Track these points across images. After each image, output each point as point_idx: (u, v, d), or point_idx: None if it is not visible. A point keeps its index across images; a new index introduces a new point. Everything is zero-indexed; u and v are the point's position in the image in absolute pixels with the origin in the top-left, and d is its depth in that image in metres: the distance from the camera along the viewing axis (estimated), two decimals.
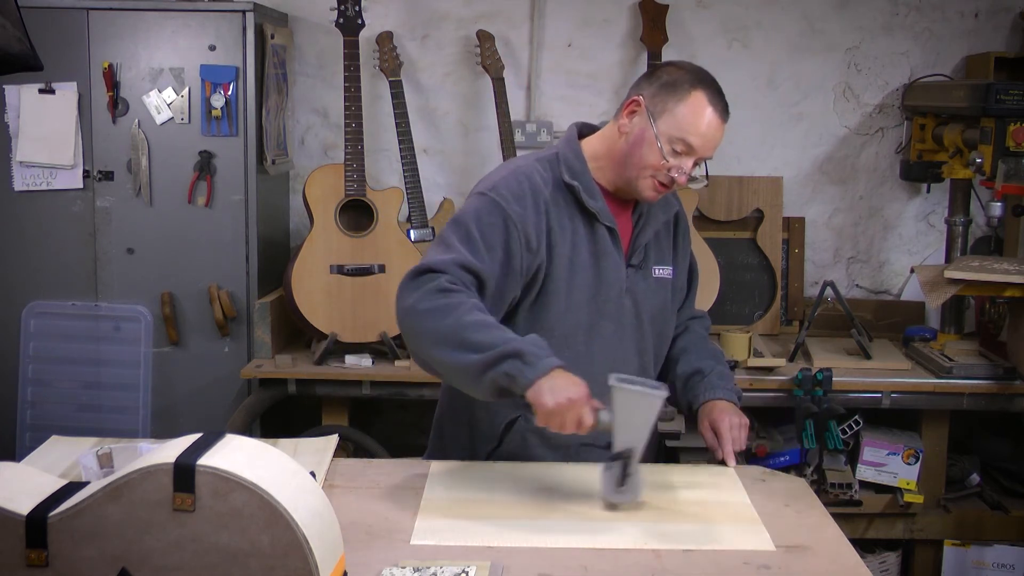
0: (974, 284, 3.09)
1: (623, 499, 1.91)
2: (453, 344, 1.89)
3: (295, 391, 3.31)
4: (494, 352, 1.85)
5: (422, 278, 1.96)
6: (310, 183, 3.41)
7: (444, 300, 1.92)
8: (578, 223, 2.09)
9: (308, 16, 3.78)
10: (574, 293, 2.08)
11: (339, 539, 1.50)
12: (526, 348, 1.86)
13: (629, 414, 1.88)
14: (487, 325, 1.90)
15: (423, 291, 1.94)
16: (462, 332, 1.88)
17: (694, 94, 2.03)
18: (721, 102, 2.06)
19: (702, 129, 2.03)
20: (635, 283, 2.15)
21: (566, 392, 1.84)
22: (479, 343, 1.87)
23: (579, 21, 3.80)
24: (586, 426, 1.87)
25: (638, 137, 2.05)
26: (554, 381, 1.85)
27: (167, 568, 1.40)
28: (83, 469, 1.94)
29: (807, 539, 1.82)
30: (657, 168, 2.04)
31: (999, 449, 3.63)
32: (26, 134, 3.40)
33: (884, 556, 3.43)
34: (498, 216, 2.01)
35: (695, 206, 3.62)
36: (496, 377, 1.86)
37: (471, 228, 2.01)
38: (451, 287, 1.94)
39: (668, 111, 2.03)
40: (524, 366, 1.84)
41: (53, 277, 3.47)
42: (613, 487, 1.91)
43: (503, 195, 2.03)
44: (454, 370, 1.93)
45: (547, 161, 2.12)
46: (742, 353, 3.32)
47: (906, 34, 3.80)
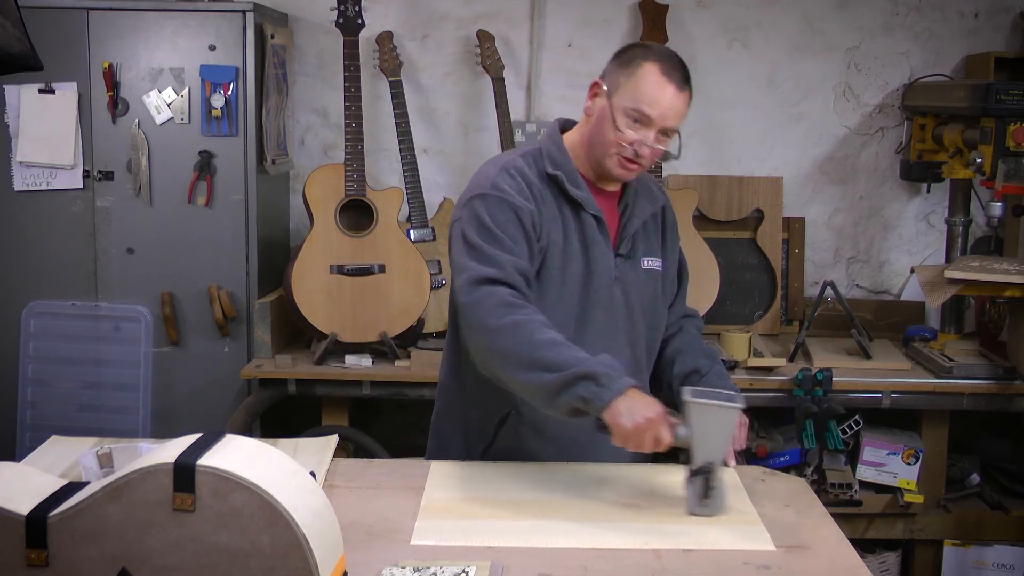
0: (974, 284, 3.09)
1: (708, 512, 1.91)
2: (527, 364, 1.91)
3: (295, 391, 3.31)
4: (569, 373, 1.87)
5: (483, 291, 1.97)
6: (310, 183, 3.41)
7: (512, 317, 1.93)
8: (567, 213, 2.11)
9: (308, 16, 3.78)
10: (567, 282, 2.10)
11: (339, 539, 1.50)
12: (599, 369, 1.88)
13: (707, 428, 1.88)
14: (558, 344, 1.92)
15: (490, 306, 1.95)
16: (534, 352, 1.90)
17: (645, 65, 2.06)
18: (676, 71, 2.07)
19: (655, 96, 2.04)
20: (624, 273, 2.16)
21: (643, 412, 1.86)
22: (552, 363, 1.89)
23: (579, 21, 3.80)
24: (665, 443, 1.88)
25: (600, 116, 2.09)
26: (630, 402, 1.86)
27: (167, 568, 1.40)
28: (83, 469, 1.94)
29: (807, 539, 1.82)
30: (619, 143, 2.06)
31: (999, 449, 3.63)
32: (26, 134, 3.40)
33: (884, 556, 3.43)
34: (509, 211, 2.04)
35: (695, 206, 3.62)
36: (571, 399, 1.88)
37: (494, 230, 2.02)
38: (515, 301, 1.96)
39: (622, 85, 2.07)
40: (598, 388, 1.86)
41: (53, 277, 3.47)
42: (697, 500, 1.91)
43: (505, 190, 2.06)
44: (527, 389, 1.95)
45: (531, 156, 2.15)
46: (742, 353, 3.32)
47: (906, 34, 3.80)
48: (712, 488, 1.90)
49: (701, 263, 3.54)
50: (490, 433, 2.17)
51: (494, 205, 2.04)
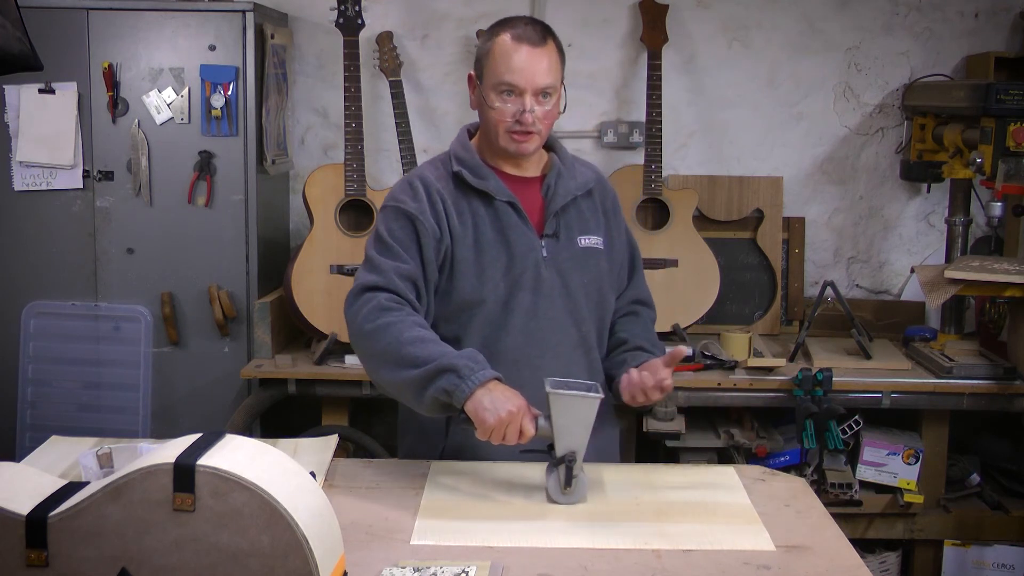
0: (974, 284, 3.09)
1: (569, 500, 1.95)
2: (394, 361, 1.98)
3: (295, 391, 3.31)
4: (431, 367, 1.93)
5: (363, 298, 2.06)
6: (310, 183, 3.41)
7: (386, 318, 2.01)
8: (477, 205, 2.16)
9: (308, 16, 3.78)
10: (484, 269, 2.13)
11: (339, 539, 1.50)
12: (460, 362, 1.92)
13: (568, 418, 1.92)
14: (424, 340, 1.98)
15: (366, 311, 2.04)
16: (401, 348, 1.97)
17: (497, 39, 2.12)
18: (529, 32, 2.10)
19: (513, 65, 2.09)
20: (555, 252, 2.17)
21: (505, 405, 1.89)
22: (416, 358, 1.95)
23: (579, 21, 3.80)
24: (528, 436, 1.92)
25: (478, 104, 2.17)
26: (492, 395, 1.90)
27: (167, 568, 1.40)
28: (83, 469, 1.94)
29: (807, 539, 1.82)
30: (500, 120, 2.11)
31: (999, 449, 3.63)
32: (26, 134, 3.40)
33: (884, 556, 3.43)
34: (403, 219, 2.13)
35: (695, 206, 3.62)
36: (435, 393, 1.93)
37: (385, 239, 2.12)
38: (390, 305, 2.03)
39: (484, 66, 2.13)
40: (460, 380, 1.91)
41: (53, 277, 3.47)
42: (559, 489, 1.95)
43: (399, 199, 2.15)
44: (398, 387, 2.01)
45: (438, 160, 2.25)
46: (742, 353, 3.32)
47: (906, 34, 3.80)
48: (574, 477, 1.93)
49: (701, 263, 3.55)
50: (443, 431, 2.18)
51: (390, 216, 2.15)
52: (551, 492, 1.96)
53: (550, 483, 1.96)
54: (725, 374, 3.26)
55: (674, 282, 3.52)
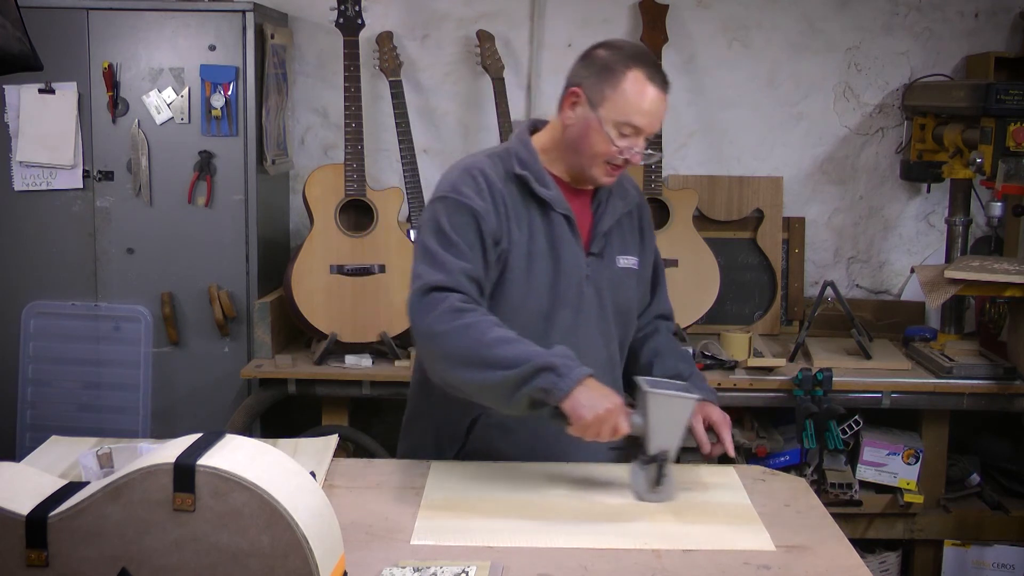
0: (974, 284, 3.09)
1: (658, 499, 1.96)
2: (479, 363, 1.92)
3: (295, 391, 3.31)
4: (528, 367, 1.88)
5: (431, 298, 1.98)
6: (310, 183, 3.41)
7: (462, 320, 1.95)
8: (533, 212, 2.10)
9: (308, 16, 3.78)
10: (532, 280, 2.09)
11: (339, 539, 1.50)
12: (557, 360, 1.90)
13: (663, 418, 1.93)
14: (510, 340, 1.93)
15: (438, 312, 1.96)
16: (487, 350, 1.91)
17: (630, 75, 2.02)
18: (658, 75, 2.05)
19: (645, 108, 2.03)
20: (597, 271, 2.15)
21: (602, 403, 1.89)
22: (507, 359, 1.90)
23: (579, 21, 3.80)
24: (621, 433, 1.92)
25: (583, 127, 2.06)
26: (590, 392, 1.89)
27: (167, 568, 1.40)
28: (83, 469, 1.94)
29: (807, 539, 1.82)
30: (607, 154, 2.05)
31: (999, 449, 3.63)
32: (26, 134, 3.40)
33: (884, 556, 3.43)
34: (467, 215, 2.04)
35: (695, 206, 3.62)
36: (530, 392, 1.89)
37: (450, 234, 2.03)
38: (463, 306, 1.96)
39: (608, 98, 2.03)
40: (558, 378, 1.88)
41: (53, 277, 3.47)
42: (647, 487, 1.96)
43: (465, 194, 2.05)
44: (483, 388, 1.95)
45: (497, 156, 2.14)
46: (742, 353, 3.32)
47: (906, 34, 3.80)
48: (664, 476, 1.95)
49: (701, 263, 3.55)
50: (461, 436, 2.17)
51: (452, 209, 2.05)
52: (639, 490, 1.97)
53: (638, 481, 1.97)
54: (725, 374, 3.26)
55: (674, 282, 3.49)
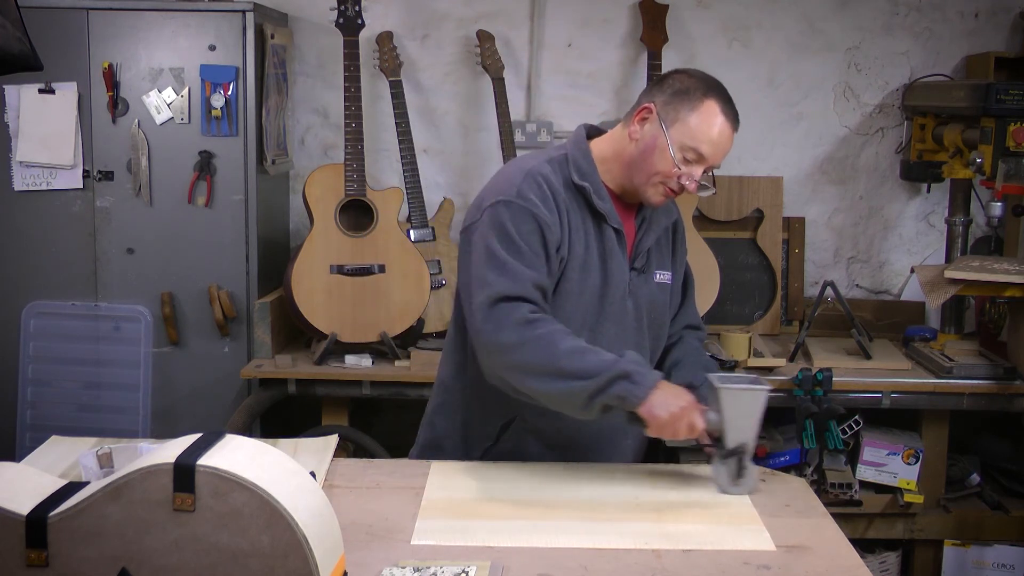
0: (974, 284, 3.09)
1: (741, 491, 2.01)
2: (554, 375, 1.94)
3: (295, 391, 3.32)
4: (604, 377, 1.92)
5: (502, 308, 1.97)
6: (310, 183, 3.41)
7: (533, 332, 1.95)
8: (589, 223, 2.10)
9: (308, 16, 3.78)
10: (584, 293, 2.09)
11: (339, 539, 1.50)
12: (631, 368, 1.94)
13: (737, 412, 1.99)
14: (583, 351, 1.96)
15: (509, 323, 1.96)
16: (561, 362, 1.94)
17: (707, 103, 2.04)
18: (732, 111, 2.07)
19: (714, 138, 2.04)
20: (638, 286, 2.16)
21: (677, 403, 1.95)
22: (582, 371, 1.93)
23: (579, 21, 3.80)
24: (698, 430, 1.97)
25: (649, 144, 2.05)
26: (663, 394, 1.94)
27: (167, 568, 1.40)
28: (83, 469, 1.94)
29: (807, 539, 1.82)
30: (668, 176, 2.05)
31: (999, 449, 3.63)
32: (26, 134, 3.40)
33: (884, 556, 3.43)
34: (533, 222, 2.02)
35: (695, 206, 3.62)
36: (606, 400, 1.94)
37: (517, 241, 2.01)
38: (534, 317, 1.97)
39: (680, 120, 2.04)
40: (633, 386, 1.93)
41: (53, 277, 3.47)
42: (729, 481, 2.02)
43: (531, 200, 2.03)
44: (558, 398, 1.97)
45: (556, 162, 2.12)
46: (742, 353, 3.32)
47: (906, 34, 3.80)
48: (744, 468, 2.01)
49: (701, 263, 3.54)
50: (492, 435, 2.16)
51: (518, 215, 2.02)
52: (721, 483, 2.02)
53: (720, 475, 2.02)
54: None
55: None
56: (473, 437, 2.19)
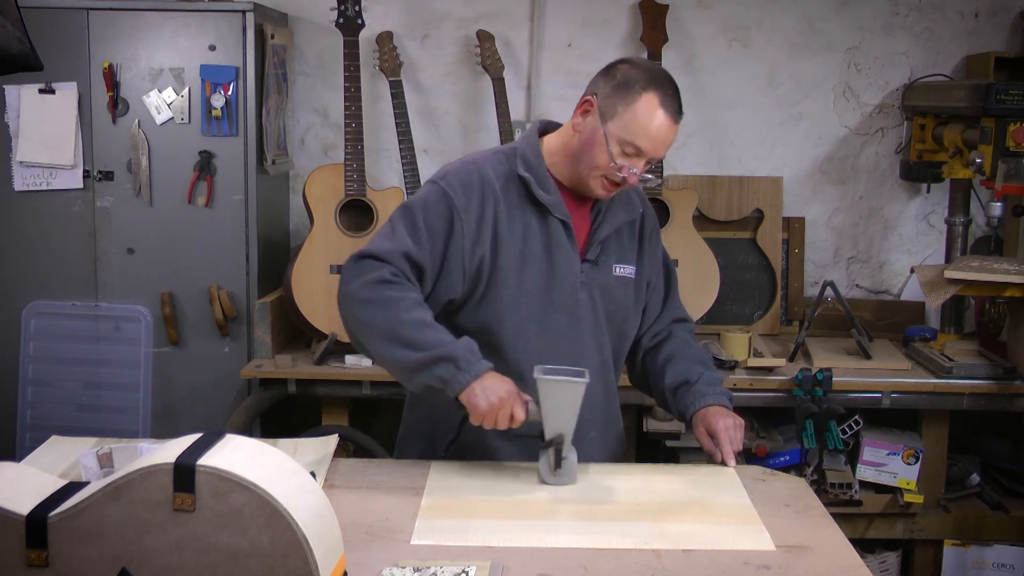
0: (974, 284, 3.09)
1: (560, 482, 2.02)
2: (390, 338, 1.99)
3: (295, 391, 3.32)
4: (429, 354, 1.96)
5: (364, 264, 2.04)
6: (310, 183, 3.41)
7: (386, 292, 2.00)
8: (530, 215, 2.11)
9: (308, 16, 3.78)
10: (524, 283, 2.10)
11: (339, 539, 1.50)
12: (459, 352, 1.96)
13: (555, 403, 1.98)
14: (424, 324, 1.99)
15: (365, 280, 2.01)
16: (400, 328, 1.98)
17: (645, 96, 2.02)
18: (673, 103, 2.05)
19: (652, 132, 2.03)
20: (592, 278, 2.16)
21: (497, 392, 1.96)
22: (416, 342, 1.97)
23: (579, 21, 3.80)
24: (518, 420, 1.98)
25: (589, 137, 2.06)
26: (485, 383, 1.96)
27: (167, 568, 1.40)
28: (83, 469, 1.94)
29: (807, 539, 1.82)
30: (606, 169, 2.06)
31: (999, 449, 3.63)
32: (26, 134, 3.40)
33: (884, 556, 3.43)
34: (444, 206, 2.07)
35: (695, 206, 3.62)
36: (428, 379, 1.98)
37: (417, 217, 2.07)
38: (393, 279, 2.01)
39: (618, 114, 2.03)
40: (457, 371, 1.96)
41: (53, 277, 3.47)
42: (550, 471, 2.02)
43: (452, 184, 2.09)
44: (389, 363, 2.04)
45: (504, 154, 2.16)
46: (742, 353, 3.32)
47: (906, 34, 3.80)
48: (564, 459, 2.00)
49: (701, 263, 3.54)
50: (454, 427, 2.16)
51: (434, 196, 2.08)
52: (542, 474, 2.03)
53: (541, 466, 2.02)
54: (725, 374, 3.26)
55: None
56: (439, 430, 2.19)
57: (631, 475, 2.11)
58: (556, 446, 1.99)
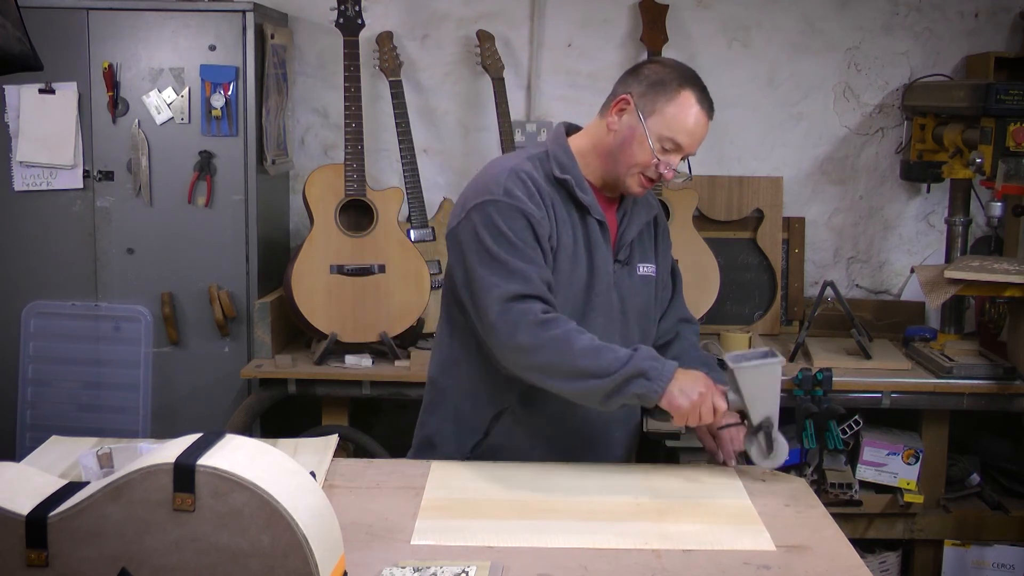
0: (974, 284, 3.09)
1: (775, 463, 2.06)
2: (573, 375, 1.98)
3: (295, 391, 3.32)
4: (618, 377, 1.96)
5: (515, 309, 1.99)
6: (310, 183, 3.41)
7: (548, 333, 1.98)
8: (574, 216, 2.12)
9: (308, 16, 3.78)
10: (572, 286, 2.11)
11: (339, 539, 1.50)
12: (645, 365, 1.97)
13: (756, 388, 2.02)
14: (598, 349, 1.98)
15: (525, 326, 1.98)
16: (577, 362, 1.97)
17: (683, 93, 2.07)
18: (707, 100, 2.10)
19: (690, 127, 2.07)
20: (621, 279, 2.18)
21: (695, 388, 1.98)
22: (598, 370, 1.96)
23: (579, 21, 3.80)
24: (720, 410, 2.01)
25: (627, 135, 2.08)
26: (681, 384, 1.98)
27: (167, 568, 1.40)
28: (83, 469, 1.94)
29: (807, 539, 1.82)
30: (646, 165, 2.08)
31: (999, 449, 3.63)
32: (26, 134, 3.40)
33: (884, 556, 3.43)
34: (523, 219, 2.04)
35: (695, 206, 3.62)
36: (625, 399, 1.99)
37: (512, 239, 2.03)
38: (547, 318, 1.99)
39: (658, 111, 2.06)
40: (649, 382, 1.97)
41: (53, 277, 3.47)
42: (761, 456, 2.05)
43: (518, 197, 2.05)
44: (580, 396, 2.03)
45: (537, 159, 2.15)
46: None
47: (906, 34, 3.80)
48: (773, 440, 2.03)
49: (701, 263, 3.54)
50: (482, 429, 2.18)
51: (507, 213, 2.04)
52: (755, 459, 2.06)
53: (752, 451, 2.06)
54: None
55: None
56: (464, 432, 2.20)
57: (631, 475, 2.11)
58: (765, 429, 2.03)
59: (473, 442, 2.18)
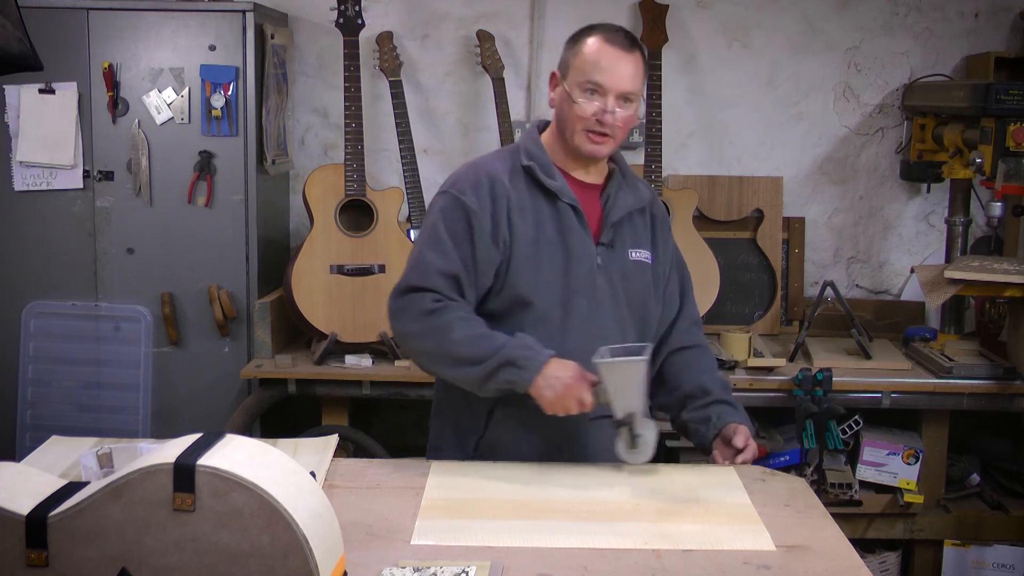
0: (974, 284, 3.09)
1: (637, 459, 2.07)
2: (451, 362, 2.09)
3: (295, 391, 3.31)
4: (489, 364, 2.04)
5: (408, 299, 2.12)
6: (310, 183, 3.41)
7: (432, 321, 2.09)
8: (540, 203, 2.17)
9: (308, 16, 3.78)
10: (543, 267, 2.15)
11: (339, 539, 1.50)
12: (515, 353, 2.04)
13: (621, 383, 2.02)
14: (475, 338, 2.07)
15: (411, 314, 2.11)
16: (454, 350, 2.07)
17: (587, 40, 2.16)
18: (620, 38, 2.15)
19: (602, 64, 2.12)
20: (609, 262, 2.20)
21: (562, 380, 2.03)
22: (473, 358, 2.06)
23: (579, 21, 3.72)
24: (588, 404, 2.04)
25: (561, 100, 2.17)
26: (547, 374, 2.03)
27: (167, 568, 1.40)
28: (83, 469, 1.94)
29: (807, 539, 1.82)
30: (585, 119, 2.13)
31: (999, 449, 3.63)
32: (26, 134, 3.40)
33: (884, 556, 3.43)
34: (459, 211, 2.13)
35: (695, 206, 3.62)
36: (498, 385, 2.06)
37: (438, 229, 2.14)
38: (435, 306, 2.09)
39: (571, 66, 2.15)
40: (519, 370, 2.03)
41: (53, 277, 3.47)
42: (626, 450, 2.06)
43: (461, 189, 2.15)
44: (457, 381, 2.14)
45: (507, 152, 2.25)
46: (742, 353, 3.32)
47: (906, 34, 3.80)
48: (637, 436, 2.05)
49: (701, 263, 3.54)
50: (481, 425, 2.21)
51: (448, 205, 2.15)
52: (620, 454, 2.07)
53: (618, 445, 2.06)
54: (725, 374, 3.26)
55: None
56: (466, 430, 2.23)
57: (631, 475, 2.11)
58: (629, 425, 2.04)
59: (475, 439, 2.22)
